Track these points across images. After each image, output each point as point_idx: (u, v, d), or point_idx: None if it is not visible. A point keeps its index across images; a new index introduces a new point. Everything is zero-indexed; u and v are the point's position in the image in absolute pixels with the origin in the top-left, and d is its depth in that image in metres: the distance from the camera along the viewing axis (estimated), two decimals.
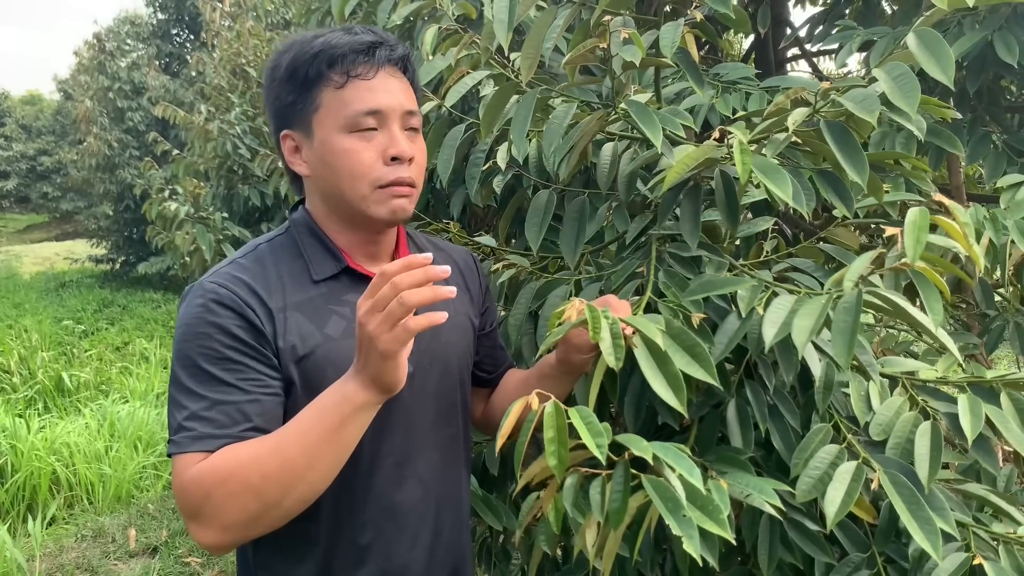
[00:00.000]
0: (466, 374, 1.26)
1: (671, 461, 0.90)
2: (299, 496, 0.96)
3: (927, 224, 0.86)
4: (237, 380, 1.00)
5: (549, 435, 0.91)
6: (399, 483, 1.14)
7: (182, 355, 1.02)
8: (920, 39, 0.96)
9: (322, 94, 1.08)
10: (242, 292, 1.05)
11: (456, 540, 1.23)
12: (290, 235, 1.17)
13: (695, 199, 1.19)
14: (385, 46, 1.09)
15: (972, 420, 1.05)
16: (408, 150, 1.09)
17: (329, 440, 0.95)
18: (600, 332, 0.99)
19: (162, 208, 3.93)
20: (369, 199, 1.09)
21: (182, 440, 0.98)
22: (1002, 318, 1.98)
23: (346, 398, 0.95)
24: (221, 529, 0.95)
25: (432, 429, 1.19)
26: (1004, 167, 2.03)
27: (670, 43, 1.08)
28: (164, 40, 16.46)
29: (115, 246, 14.81)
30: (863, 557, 1.18)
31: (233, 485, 0.94)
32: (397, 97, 1.09)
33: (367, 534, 1.12)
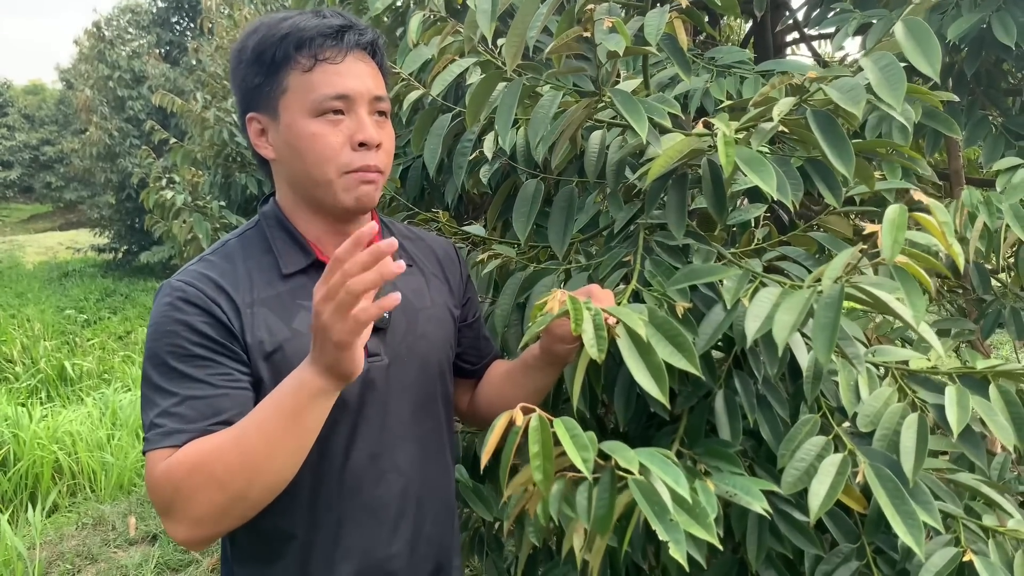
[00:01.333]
0: (446, 366, 1.25)
1: (658, 470, 0.89)
2: (264, 486, 0.96)
3: (905, 222, 0.85)
4: (206, 376, 1.01)
5: (534, 450, 0.90)
6: (377, 477, 1.13)
7: (152, 353, 1.02)
8: (908, 29, 0.94)
9: (289, 77, 1.07)
10: (209, 289, 1.05)
11: (439, 533, 1.23)
12: (260, 228, 1.16)
13: (681, 189, 1.18)
14: (354, 30, 1.08)
15: (959, 412, 1.04)
16: (376, 136, 1.08)
17: (288, 428, 0.94)
18: (582, 323, 0.98)
19: (159, 197, 3.93)
20: (335, 184, 1.08)
21: (153, 437, 0.98)
22: (998, 303, 1.97)
23: (303, 386, 0.94)
24: (192, 523, 0.95)
25: (411, 422, 1.18)
26: (1002, 150, 2.01)
27: (655, 30, 1.07)
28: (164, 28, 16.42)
29: (117, 235, 14.83)
30: (852, 548, 1.17)
31: (198, 478, 0.93)
32: (365, 82, 1.08)
33: (345, 529, 1.12)
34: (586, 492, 0.93)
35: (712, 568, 1.26)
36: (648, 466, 0.88)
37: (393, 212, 1.90)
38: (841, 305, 0.87)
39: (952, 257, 0.91)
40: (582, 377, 1.05)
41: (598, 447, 0.91)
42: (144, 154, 4.52)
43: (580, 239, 1.49)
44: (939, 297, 2.30)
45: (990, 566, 1.02)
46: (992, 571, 1.02)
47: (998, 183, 1.75)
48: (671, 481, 0.87)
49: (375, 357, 1.13)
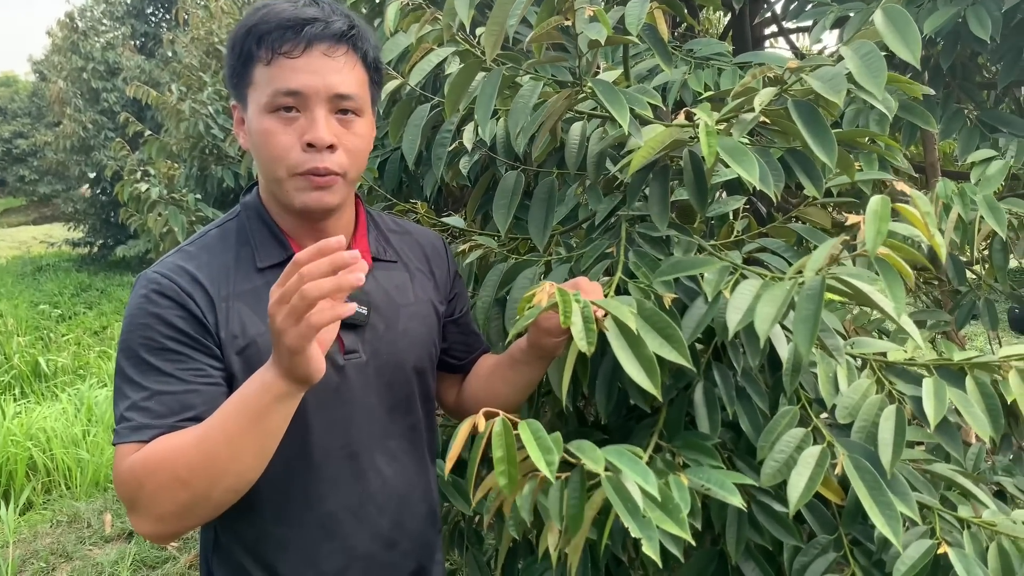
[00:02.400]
0: (427, 363, 1.23)
1: (626, 468, 0.88)
2: (228, 487, 0.95)
3: (888, 213, 0.85)
4: (177, 370, 0.99)
5: (498, 455, 0.89)
6: (356, 475, 1.12)
7: (125, 346, 1.01)
8: (887, 17, 0.94)
9: (254, 70, 1.04)
10: (184, 282, 1.03)
11: (421, 530, 1.22)
12: (240, 220, 1.14)
13: (663, 180, 1.17)
14: (318, 22, 1.02)
15: (936, 404, 1.05)
16: (326, 136, 1.02)
17: (251, 430, 0.92)
18: (571, 316, 0.97)
19: (134, 190, 3.87)
20: (286, 184, 1.05)
21: (121, 431, 0.97)
22: (973, 294, 1.99)
23: (266, 388, 0.92)
24: (156, 520, 0.94)
25: (390, 419, 1.16)
26: (977, 143, 2.03)
27: (636, 20, 1.06)
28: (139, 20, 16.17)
29: (92, 229, 14.62)
30: (830, 539, 1.18)
31: (162, 476, 0.93)
32: (324, 78, 1.02)
33: (326, 527, 1.11)
34: (557, 494, 0.93)
35: (691, 560, 1.26)
36: (617, 464, 0.88)
37: (370, 203, 1.88)
38: (823, 297, 0.87)
39: (934, 248, 0.91)
40: (571, 372, 1.04)
41: (566, 447, 0.90)
42: (118, 146, 4.46)
43: (561, 231, 1.48)
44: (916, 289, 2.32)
45: (964, 558, 1.03)
46: (966, 564, 1.03)
47: (972, 175, 1.77)
48: (639, 479, 0.86)
49: (353, 354, 1.12)
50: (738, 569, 1.22)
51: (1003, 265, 1.78)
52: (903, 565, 1.04)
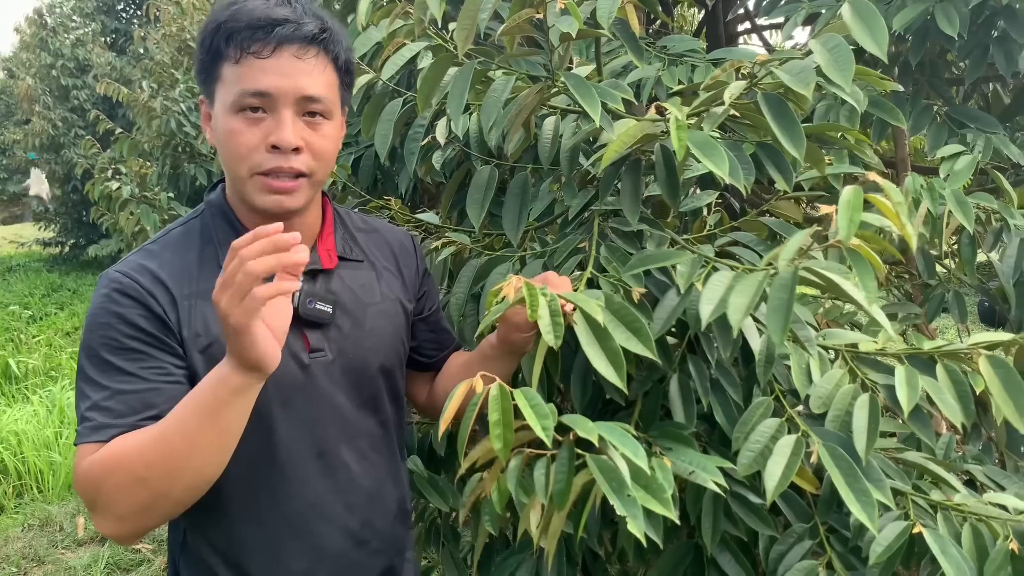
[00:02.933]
0: (394, 362, 1.23)
1: (616, 442, 0.89)
2: (187, 484, 0.95)
3: (860, 203, 0.86)
4: (138, 369, 0.99)
5: (494, 418, 0.89)
6: (324, 474, 1.12)
7: (87, 345, 1.01)
8: (855, 10, 0.95)
9: (223, 67, 1.03)
10: (145, 281, 1.03)
11: (391, 528, 1.22)
12: (204, 218, 1.13)
13: (636, 174, 1.18)
14: (290, 24, 1.01)
15: (908, 392, 1.06)
16: (291, 139, 1.02)
17: (209, 426, 0.92)
18: (538, 310, 0.97)
19: (105, 188, 3.82)
20: (248, 184, 1.05)
21: (82, 431, 0.97)
22: (942, 287, 2.02)
23: (221, 382, 0.92)
24: (117, 519, 0.95)
25: (357, 418, 1.16)
26: (946, 139, 2.05)
27: (607, 13, 1.06)
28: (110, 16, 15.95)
29: (63, 229, 14.41)
30: (806, 528, 1.19)
31: (120, 476, 0.92)
32: (293, 80, 1.02)
33: (293, 527, 1.10)
34: (544, 468, 0.93)
35: (668, 552, 1.26)
36: (607, 438, 0.88)
37: (343, 200, 1.87)
38: (795, 287, 0.88)
39: (905, 239, 0.92)
40: (541, 365, 1.04)
41: (558, 419, 0.90)
42: (88, 144, 4.39)
43: (535, 226, 1.48)
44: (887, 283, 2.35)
45: (939, 538, 1.05)
46: (941, 543, 1.04)
47: (941, 170, 1.79)
48: (630, 453, 0.87)
49: (319, 353, 1.11)
50: (714, 561, 1.23)
51: (971, 259, 1.80)
52: (879, 547, 1.05)
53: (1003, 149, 1.98)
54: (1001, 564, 1.03)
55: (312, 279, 1.12)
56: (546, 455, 0.95)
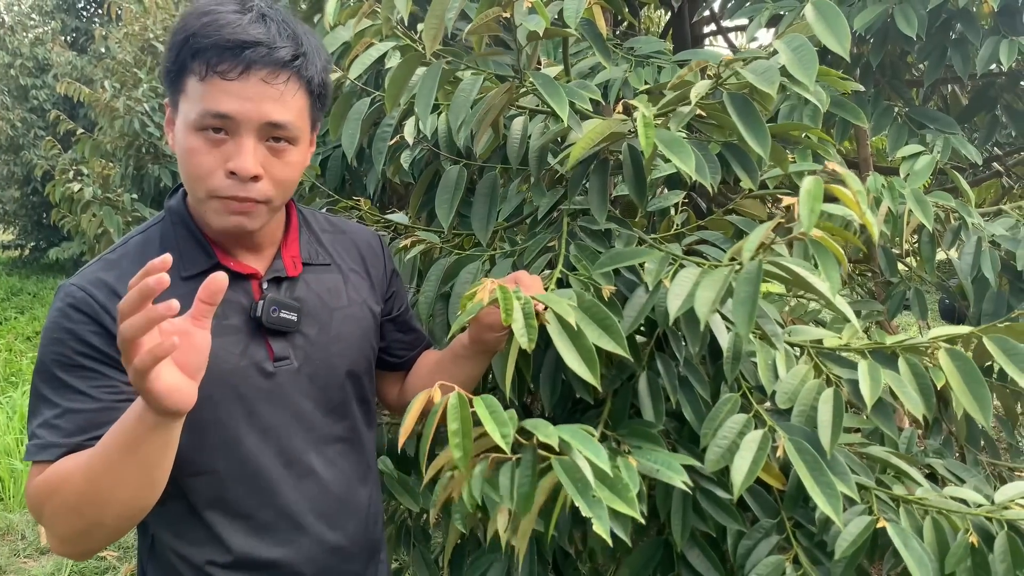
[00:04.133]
0: (362, 365, 1.21)
1: (578, 445, 0.89)
2: (117, 514, 0.92)
3: (821, 193, 0.87)
4: (88, 388, 0.97)
5: (453, 427, 0.89)
6: (294, 482, 1.10)
7: (40, 361, 0.99)
8: (817, 10, 0.97)
9: (187, 80, 0.99)
10: (101, 296, 1.00)
11: (363, 533, 1.21)
12: (164, 225, 1.10)
13: (603, 174, 1.18)
14: (261, 47, 0.96)
15: (871, 386, 1.08)
16: (250, 167, 0.98)
17: (128, 460, 0.88)
18: (512, 313, 0.97)
19: (66, 190, 3.74)
20: (205, 205, 1.02)
21: (31, 448, 0.96)
22: (904, 284, 2.06)
23: (139, 418, 0.87)
24: (60, 541, 0.95)
25: (325, 424, 1.15)
26: (906, 139, 2.10)
27: (574, 13, 1.07)
28: (69, 15, 15.64)
29: (23, 231, 14.11)
30: (772, 523, 1.21)
31: (57, 501, 0.92)
32: (257, 106, 0.97)
33: (265, 537, 1.09)
34: (508, 472, 0.93)
35: (638, 549, 1.27)
36: (569, 441, 0.89)
37: (311, 201, 1.85)
38: (760, 279, 0.89)
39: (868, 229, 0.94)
40: (513, 366, 1.05)
41: (519, 425, 0.90)
42: (48, 145, 4.30)
43: (504, 226, 1.48)
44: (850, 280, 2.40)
45: (901, 532, 1.07)
46: (903, 537, 1.06)
47: (901, 169, 1.83)
48: (592, 455, 0.87)
49: (283, 361, 1.09)
50: (683, 557, 1.24)
51: (931, 256, 1.84)
52: (844, 541, 1.07)
53: (961, 149, 2.03)
54: (961, 557, 1.06)
55: (276, 286, 1.11)
56: (510, 460, 0.95)
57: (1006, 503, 1.11)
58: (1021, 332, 1.07)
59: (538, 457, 0.92)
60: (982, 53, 1.95)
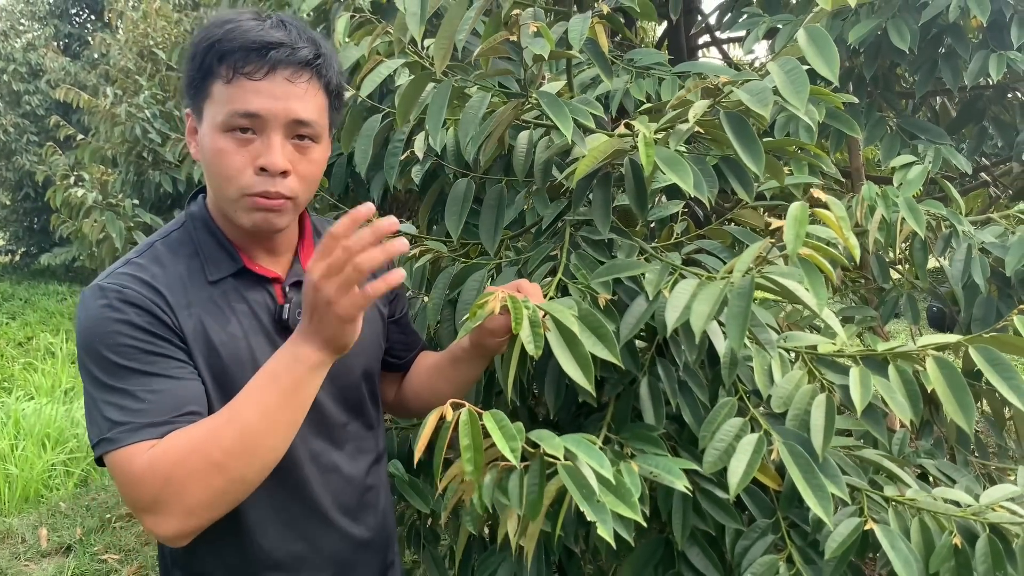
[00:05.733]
0: (375, 365, 1.27)
1: (582, 454, 0.94)
2: (262, 464, 0.96)
3: (806, 218, 0.93)
4: (161, 371, 0.99)
5: (465, 442, 0.94)
6: (319, 478, 1.14)
7: (97, 356, 0.99)
8: (809, 36, 1.02)
9: (213, 84, 1.03)
10: (144, 290, 1.03)
11: (383, 525, 1.26)
12: (186, 230, 1.13)
13: (606, 187, 1.23)
14: (284, 48, 1.02)
15: (862, 391, 1.13)
16: (280, 163, 1.03)
17: (286, 403, 0.96)
18: (521, 322, 1.02)
19: (67, 195, 3.76)
20: (236, 205, 1.05)
21: (119, 435, 0.95)
22: (896, 291, 2.11)
23: (299, 360, 0.95)
24: (185, 513, 0.93)
25: (345, 420, 1.19)
26: (898, 149, 2.15)
27: (578, 36, 1.12)
28: (63, 20, 15.63)
29: (15, 237, 14.07)
30: (768, 523, 1.25)
31: (194, 462, 0.92)
32: (284, 104, 1.02)
33: (294, 531, 1.13)
34: (517, 480, 0.98)
35: (640, 548, 1.32)
36: (574, 451, 0.94)
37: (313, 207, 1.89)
38: (752, 294, 0.94)
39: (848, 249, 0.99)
40: (515, 370, 1.09)
41: (527, 436, 0.95)
42: (49, 151, 4.32)
43: (510, 235, 1.53)
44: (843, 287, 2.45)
45: (889, 533, 1.12)
46: (891, 538, 1.11)
47: (895, 179, 1.88)
48: (596, 464, 0.92)
49: None
50: (684, 555, 1.29)
51: (923, 263, 1.89)
52: (834, 542, 1.12)
53: (951, 159, 2.08)
54: (945, 557, 1.11)
55: (297, 290, 1.14)
56: (518, 469, 1.00)
57: (991, 505, 1.16)
58: (1006, 342, 1.12)
59: (544, 463, 0.97)
60: (972, 66, 2.00)
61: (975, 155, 2.46)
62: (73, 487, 4.71)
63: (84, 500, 4.46)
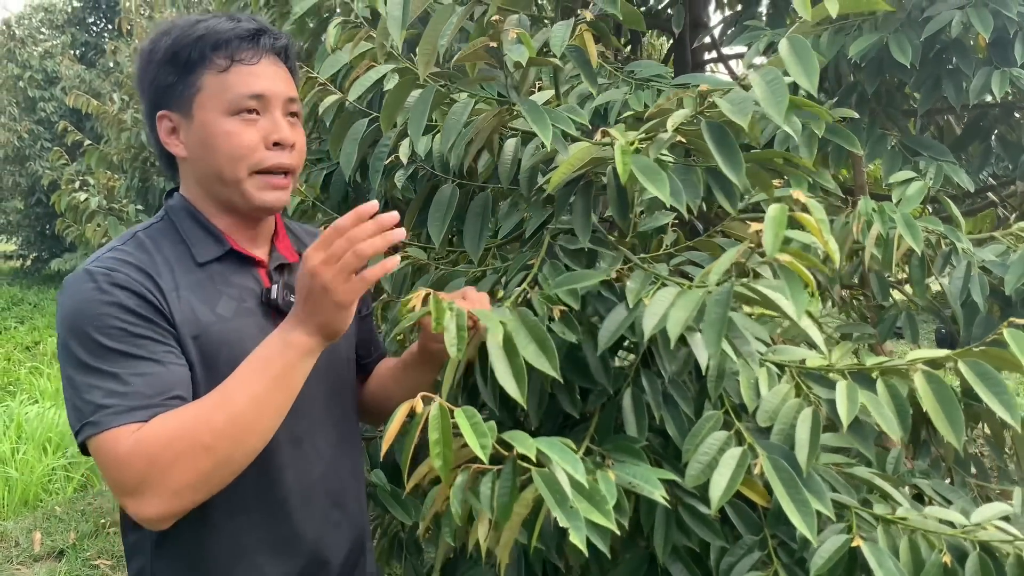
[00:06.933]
0: (351, 355, 1.30)
1: (556, 457, 0.92)
2: (251, 447, 0.99)
3: (785, 219, 0.91)
4: (148, 353, 1.00)
5: (434, 437, 0.93)
6: (302, 461, 1.16)
7: (85, 338, 0.99)
8: (791, 46, 1.01)
9: (204, 77, 1.09)
10: (134, 272, 1.04)
11: (359, 512, 1.28)
12: (168, 221, 1.15)
13: (587, 195, 1.22)
14: (269, 35, 1.12)
15: (847, 406, 1.11)
16: (290, 136, 1.12)
17: (276, 388, 0.98)
18: (443, 322, 1.01)
19: (72, 199, 3.79)
20: (246, 183, 1.10)
21: (103, 418, 0.95)
22: (896, 308, 2.08)
23: (290, 346, 0.99)
24: (170, 495, 0.94)
25: (326, 408, 1.21)
26: (900, 166, 2.12)
27: (560, 42, 1.11)
28: (80, 29, 15.83)
29: (26, 242, 14.20)
30: (755, 540, 1.23)
31: (180, 445, 0.93)
32: (279, 84, 1.12)
33: (276, 515, 1.14)
34: (489, 482, 0.96)
35: (623, 563, 1.29)
36: (547, 453, 0.92)
37: (312, 217, 1.89)
38: (729, 302, 0.92)
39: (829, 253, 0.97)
40: (453, 374, 1.09)
41: (500, 437, 0.94)
42: (56, 155, 4.35)
43: (496, 243, 1.52)
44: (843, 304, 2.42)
45: (877, 551, 1.09)
46: (878, 556, 1.09)
47: (893, 195, 1.86)
48: (569, 468, 0.91)
49: None
50: (667, 571, 1.26)
51: (921, 279, 1.86)
52: (820, 559, 1.09)
53: (954, 176, 2.06)
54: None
55: (280, 273, 1.19)
56: (491, 471, 0.97)
57: (982, 524, 1.14)
58: (996, 356, 1.10)
59: (520, 469, 0.95)
60: (975, 83, 1.98)
61: (979, 174, 2.43)
62: (72, 492, 4.71)
63: (80, 505, 4.45)
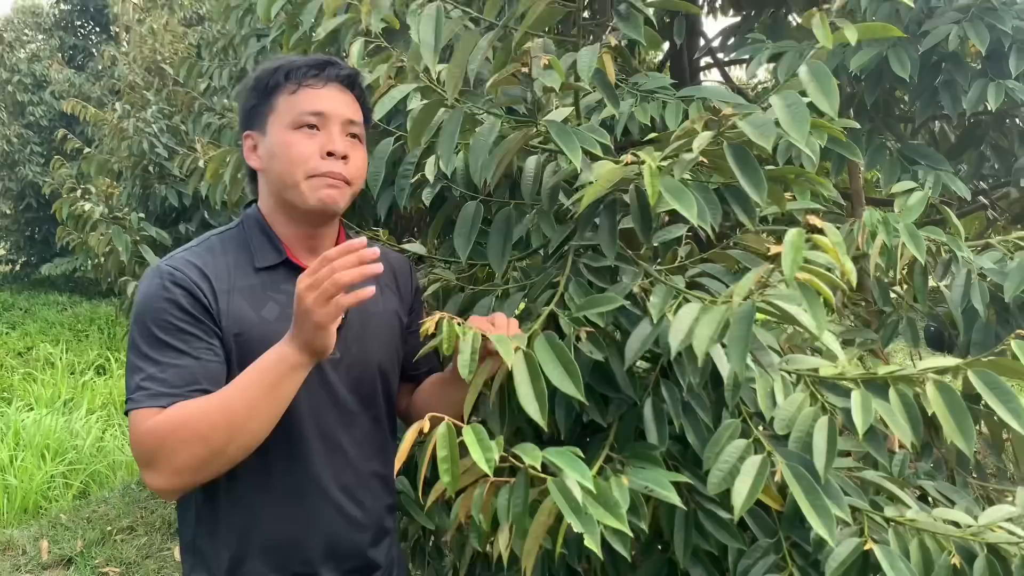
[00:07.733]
0: (389, 364, 1.39)
1: (563, 465, 0.97)
2: (242, 444, 1.12)
3: (803, 244, 0.96)
4: (188, 348, 1.16)
5: (442, 454, 0.99)
6: (324, 454, 1.27)
7: (142, 325, 1.17)
8: (811, 72, 1.06)
9: (278, 99, 1.26)
10: (193, 274, 1.20)
11: (378, 510, 1.36)
12: (240, 229, 1.32)
13: (612, 213, 1.26)
14: (334, 66, 1.28)
15: (863, 415, 1.15)
16: (343, 148, 1.25)
17: (267, 395, 1.11)
18: (456, 344, 1.10)
19: (74, 208, 3.79)
20: (302, 185, 1.24)
21: (139, 397, 1.12)
22: (896, 314, 2.13)
23: (283, 359, 1.11)
24: (173, 473, 1.10)
25: (356, 410, 1.32)
26: (898, 174, 2.18)
27: (587, 68, 1.15)
28: (68, 32, 15.73)
29: (16, 247, 14.09)
30: (771, 543, 1.27)
31: (184, 433, 1.09)
32: (339, 106, 1.27)
33: (295, 496, 1.25)
34: (506, 494, 1.02)
35: (644, 567, 1.34)
36: (555, 462, 0.97)
37: None
38: (752, 319, 0.97)
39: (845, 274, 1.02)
40: (475, 394, 1.15)
41: (512, 451, 1.00)
42: (57, 164, 4.36)
43: (517, 257, 1.56)
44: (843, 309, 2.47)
45: (888, 554, 1.14)
46: (890, 558, 1.13)
47: (896, 205, 1.91)
48: (577, 474, 0.96)
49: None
50: (687, 573, 1.30)
51: (922, 287, 1.91)
52: (834, 562, 1.14)
53: (950, 184, 2.12)
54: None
55: None
56: (508, 483, 1.03)
57: (990, 525, 1.18)
58: (1005, 366, 1.14)
59: (535, 479, 1.01)
60: (970, 95, 2.04)
61: (973, 180, 2.49)
62: (72, 499, 4.72)
63: (85, 512, 4.46)
